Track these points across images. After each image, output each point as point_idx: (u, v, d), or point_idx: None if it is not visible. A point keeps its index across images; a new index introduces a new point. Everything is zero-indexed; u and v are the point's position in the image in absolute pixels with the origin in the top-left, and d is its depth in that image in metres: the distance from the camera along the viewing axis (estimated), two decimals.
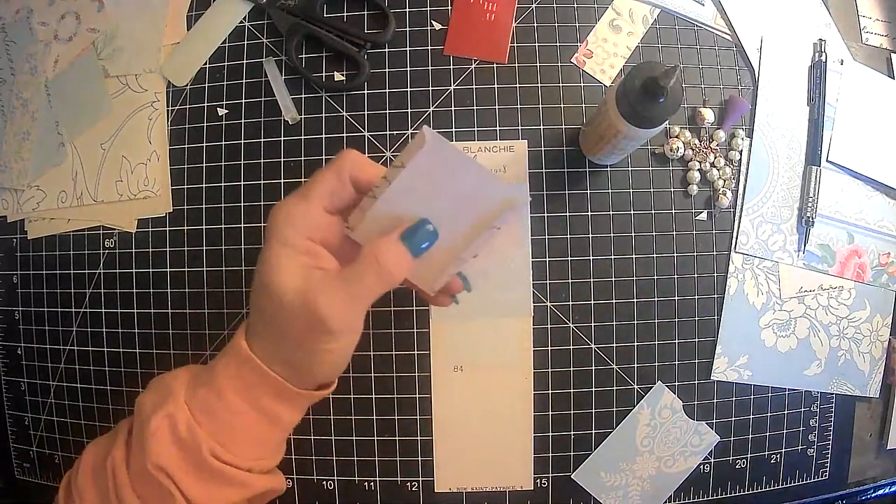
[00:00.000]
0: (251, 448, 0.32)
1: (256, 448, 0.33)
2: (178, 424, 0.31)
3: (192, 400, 0.31)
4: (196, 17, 0.46)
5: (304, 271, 0.30)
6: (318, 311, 0.29)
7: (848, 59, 0.47)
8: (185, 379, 0.33)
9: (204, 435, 0.31)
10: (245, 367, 0.32)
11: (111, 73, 0.47)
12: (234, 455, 0.31)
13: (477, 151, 0.45)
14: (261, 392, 0.32)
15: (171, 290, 0.45)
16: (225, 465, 0.31)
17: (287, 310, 0.29)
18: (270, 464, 0.34)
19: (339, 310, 0.29)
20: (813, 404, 0.46)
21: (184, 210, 0.46)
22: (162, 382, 0.34)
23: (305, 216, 0.30)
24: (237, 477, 0.31)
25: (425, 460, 0.44)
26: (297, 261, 0.30)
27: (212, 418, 0.31)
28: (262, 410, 0.32)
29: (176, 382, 0.33)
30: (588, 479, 0.44)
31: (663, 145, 0.44)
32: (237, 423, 0.31)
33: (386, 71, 0.45)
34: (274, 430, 0.33)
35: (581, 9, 0.45)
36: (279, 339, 0.31)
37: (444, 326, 0.44)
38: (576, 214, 0.44)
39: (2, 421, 0.48)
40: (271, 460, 0.34)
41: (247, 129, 0.45)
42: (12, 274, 0.48)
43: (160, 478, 0.30)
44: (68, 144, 0.47)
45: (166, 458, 0.30)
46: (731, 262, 0.44)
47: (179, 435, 0.31)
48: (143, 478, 0.31)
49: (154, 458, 0.30)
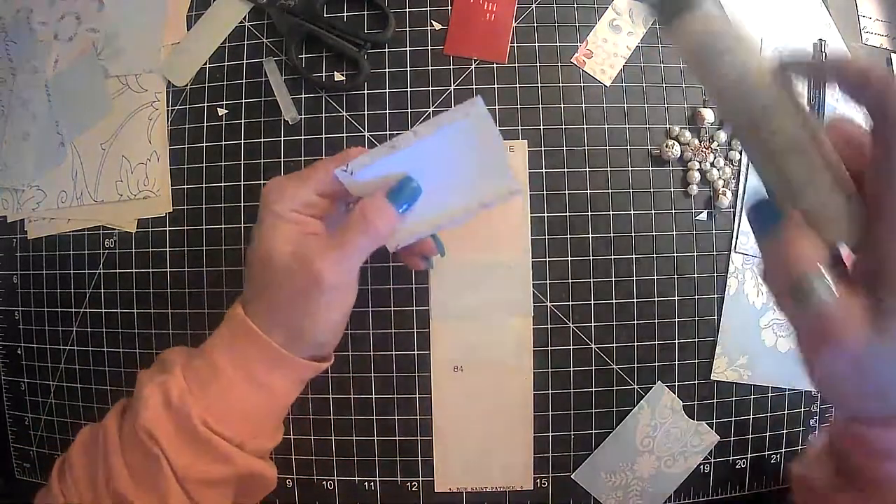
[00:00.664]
0: (244, 422, 0.32)
1: (249, 423, 0.33)
2: (171, 392, 0.31)
3: (188, 370, 0.32)
4: (196, 17, 0.46)
5: (297, 237, 0.32)
6: (312, 267, 0.30)
7: None
8: (183, 352, 0.34)
9: (194, 402, 0.31)
10: (240, 333, 0.32)
11: (111, 73, 0.47)
12: (225, 427, 0.31)
13: None
14: (254, 359, 0.32)
15: (171, 290, 0.45)
16: (214, 434, 0.31)
17: (282, 272, 0.31)
18: (265, 444, 0.34)
19: (331, 264, 0.30)
20: (813, 404, 0.46)
21: (184, 210, 0.46)
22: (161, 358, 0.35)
23: (296, 193, 0.32)
24: (224, 450, 0.31)
25: (425, 460, 0.44)
26: (289, 228, 0.32)
27: (205, 388, 0.31)
28: (256, 380, 0.32)
29: (173, 355, 0.34)
30: (588, 479, 0.44)
31: (662, 146, 0.44)
32: (230, 392, 0.32)
33: (386, 71, 0.45)
34: (268, 404, 0.33)
35: (581, 9, 0.45)
36: (275, 303, 0.32)
37: (444, 326, 0.44)
38: (576, 214, 0.44)
39: (2, 421, 0.48)
40: (266, 440, 0.34)
41: (247, 129, 0.45)
42: (12, 274, 0.48)
43: (148, 443, 0.30)
44: (68, 144, 0.47)
45: (155, 423, 0.30)
46: (731, 262, 0.44)
47: (171, 402, 0.31)
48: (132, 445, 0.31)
49: (143, 422, 0.30)
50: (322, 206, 0.33)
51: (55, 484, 0.32)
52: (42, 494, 0.33)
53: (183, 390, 0.31)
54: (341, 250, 0.31)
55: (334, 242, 0.31)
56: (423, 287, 0.44)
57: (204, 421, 0.31)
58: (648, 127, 0.45)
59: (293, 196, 0.32)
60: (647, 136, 0.45)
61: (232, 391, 0.32)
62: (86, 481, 0.32)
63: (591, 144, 0.44)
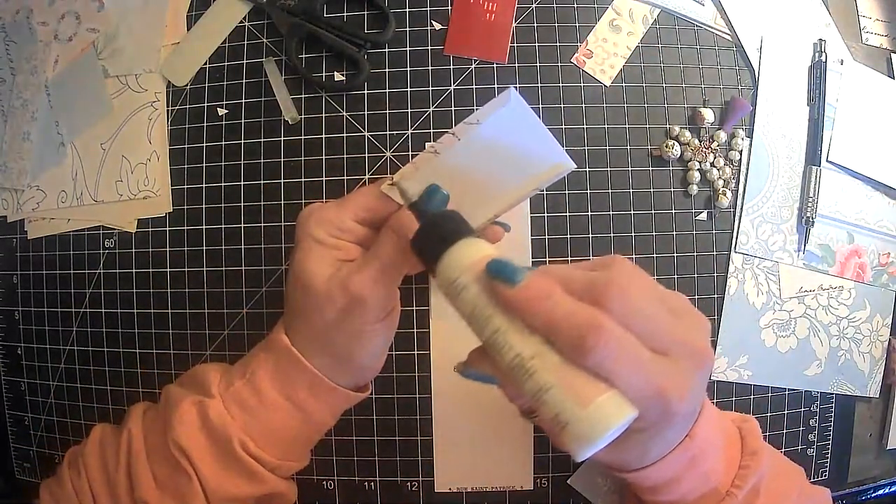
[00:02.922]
0: (281, 446, 0.33)
1: (286, 446, 0.33)
2: (209, 412, 0.31)
3: (226, 392, 0.32)
4: (196, 17, 0.46)
5: (335, 262, 0.31)
6: (351, 288, 0.30)
7: (848, 59, 0.47)
8: (218, 372, 0.34)
9: (236, 426, 0.31)
10: (283, 360, 0.32)
11: (111, 73, 0.47)
12: (263, 451, 0.32)
13: None
14: (298, 385, 0.32)
15: (171, 290, 0.45)
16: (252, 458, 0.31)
17: (322, 297, 0.31)
18: (295, 467, 0.35)
19: (369, 283, 0.30)
20: (813, 404, 0.46)
21: (184, 210, 0.46)
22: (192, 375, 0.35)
23: (334, 219, 0.32)
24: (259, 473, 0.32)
25: (425, 460, 0.44)
26: (327, 253, 0.32)
27: (245, 411, 0.32)
28: (298, 405, 0.32)
29: (208, 375, 0.33)
30: (584, 484, 0.44)
31: (662, 146, 0.44)
32: (271, 417, 0.32)
33: (386, 71, 0.45)
34: (306, 430, 0.34)
35: (581, 9, 0.45)
36: (317, 329, 0.32)
37: (444, 326, 0.44)
38: (576, 214, 0.44)
39: (2, 421, 0.48)
40: (296, 463, 0.35)
41: (247, 129, 0.45)
42: (12, 274, 0.48)
43: (179, 458, 0.30)
44: (68, 144, 0.47)
45: (189, 442, 0.31)
46: (731, 262, 0.44)
47: (210, 423, 0.31)
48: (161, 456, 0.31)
49: (177, 437, 0.31)
50: (361, 233, 0.33)
51: (66, 474, 0.33)
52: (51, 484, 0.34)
53: (222, 413, 0.31)
54: (377, 268, 0.30)
55: (368, 258, 0.31)
56: (423, 287, 0.44)
57: (243, 444, 0.31)
58: (648, 127, 0.45)
59: (331, 220, 0.32)
60: (647, 136, 0.45)
61: (275, 416, 0.32)
62: (102, 481, 0.32)
63: (591, 144, 0.44)
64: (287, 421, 0.32)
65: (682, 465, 0.30)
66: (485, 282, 0.26)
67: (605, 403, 0.24)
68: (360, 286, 0.30)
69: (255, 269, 0.44)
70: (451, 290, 0.27)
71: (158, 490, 0.31)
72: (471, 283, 0.27)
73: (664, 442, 0.29)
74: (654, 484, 0.31)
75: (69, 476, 0.32)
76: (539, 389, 0.25)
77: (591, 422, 0.24)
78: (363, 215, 0.32)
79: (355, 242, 0.33)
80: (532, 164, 0.32)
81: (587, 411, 0.24)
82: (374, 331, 0.32)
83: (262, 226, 0.45)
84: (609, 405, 0.24)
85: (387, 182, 0.32)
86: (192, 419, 0.31)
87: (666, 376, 0.25)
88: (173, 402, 0.32)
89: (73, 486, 0.32)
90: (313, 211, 0.32)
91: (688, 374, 0.26)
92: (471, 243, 0.28)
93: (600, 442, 0.24)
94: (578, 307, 0.25)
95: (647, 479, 0.30)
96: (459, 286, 0.27)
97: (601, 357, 0.24)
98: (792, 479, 0.34)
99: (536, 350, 0.25)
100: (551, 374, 0.25)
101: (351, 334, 0.31)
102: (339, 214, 0.32)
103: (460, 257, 0.27)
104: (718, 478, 0.31)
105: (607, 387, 0.25)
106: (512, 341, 0.26)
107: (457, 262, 0.27)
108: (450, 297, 0.28)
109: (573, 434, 0.24)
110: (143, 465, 0.31)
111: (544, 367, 0.25)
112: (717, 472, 0.31)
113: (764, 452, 0.33)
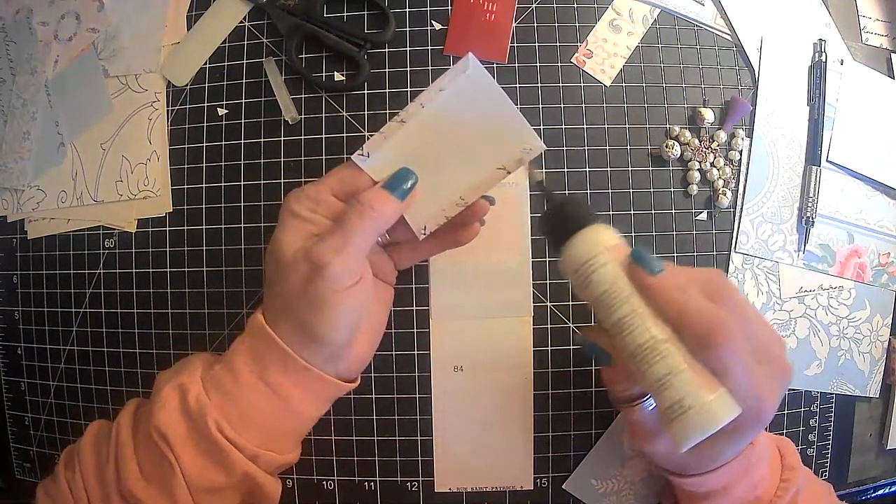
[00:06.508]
0: (258, 431, 0.32)
1: (264, 433, 0.33)
2: (188, 395, 0.31)
3: (207, 375, 0.32)
4: (196, 17, 0.46)
5: (308, 235, 0.32)
6: (313, 256, 0.30)
7: (848, 59, 0.47)
8: (204, 358, 0.34)
9: (211, 406, 0.31)
10: (257, 338, 0.32)
11: (111, 73, 0.47)
12: (239, 435, 0.31)
13: None
14: (270, 363, 0.32)
15: (171, 290, 0.45)
16: (228, 441, 0.31)
17: (289, 266, 0.31)
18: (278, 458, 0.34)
19: (329, 251, 0.30)
20: (813, 404, 0.46)
21: (184, 210, 0.46)
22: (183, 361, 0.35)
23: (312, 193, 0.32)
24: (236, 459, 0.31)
25: (425, 460, 0.44)
26: (301, 226, 0.32)
27: (223, 394, 0.32)
28: (274, 388, 0.32)
29: (195, 361, 0.34)
30: (579, 487, 0.44)
31: (662, 146, 0.44)
32: (247, 399, 0.32)
33: (386, 71, 0.45)
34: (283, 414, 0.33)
35: (581, 9, 0.45)
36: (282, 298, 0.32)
37: (444, 326, 0.44)
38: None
39: (2, 421, 0.48)
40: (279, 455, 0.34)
41: (247, 129, 0.45)
42: (12, 274, 0.48)
43: (161, 445, 0.30)
44: (68, 144, 0.47)
45: (168, 425, 0.31)
46: (731, 262, 0.44)
47: (188, 405, 0.31)
48: (146, 446, 0.31)
49: (158, 423, 0.31)
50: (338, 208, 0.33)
51: (61, 473, 0.33)
52: (46, 483, 0.34)
53: (200, 394, 0.31)
54: (340, 235, 0.31)
55: (332, 228, 0.31)
56: (423, 287, 0.44)
57: (219, 426, 0.31)
58: (648, 127, 0.45)
59: (309, 195, 0.32)
60: (647, 136, 0.45)
61: (250, 397, 0.32)
62: (94, 475, 0.32)
63: (591, 144, 0.44)
64: (262, 404, 0.32)
65: (739, 472, 0.32)
66: (625, 266, 0.29)
67: (725, 395, 0.27)
68: (320, 253, 0.30)
69: (255, 269, 0.44)
70: (585, 268, 0.29)
71: (144, 481, 0.30)
72: (610, 262, 0.29)
73: (738, 446, 0.31)
74: (709, 489, 0.33)
75: (64, 475, 0.32)
76: (668, 373, 0.27)
77: (713, 410, 0.26)
78: (339, 188, 0.33)
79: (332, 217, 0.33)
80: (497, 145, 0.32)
81: (711, 399, 0.26)
82: (336, 300, 0.31)
83: (262, 226, 0.45)
84: (727, 398, 0.27)
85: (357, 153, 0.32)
86: (173, 404, 0.31)
87: (765, 384, 0.28)
88: (157, 388, 0.32)
89: (67, 484, 0.32)
90: (294, 190, 0.33)
91: (778, 386, 0.30)
92: (603, 229, 0.31)
93: (712, 431, 0.26)
94: (709, 305, 0.28)
95: (705, 484, 0.33)
96: (597, 264, 0.29)
97: (723, 354, 0.27)
98: (822, 497, 0.37)
99: (669, 335, 0.28)
100: (683, 359, 0.27)
101: (313, 302, 0.31)
102: (318, 189, 0.32)
103: (596, 239, 0.30)
104: (765, 487, 0.34)
105: (719, 383, 0.27)
106: (648, 324, 0.28)
107: (593, 242, 0.30)
108: (580, 276, 0.30)
109: (692, 420, 0.26)
110: (130, 456, 0.31)
111: (678, 351, 0.27)
112: (764, 481, 0.34)
113: (801, 469, 0.36)
